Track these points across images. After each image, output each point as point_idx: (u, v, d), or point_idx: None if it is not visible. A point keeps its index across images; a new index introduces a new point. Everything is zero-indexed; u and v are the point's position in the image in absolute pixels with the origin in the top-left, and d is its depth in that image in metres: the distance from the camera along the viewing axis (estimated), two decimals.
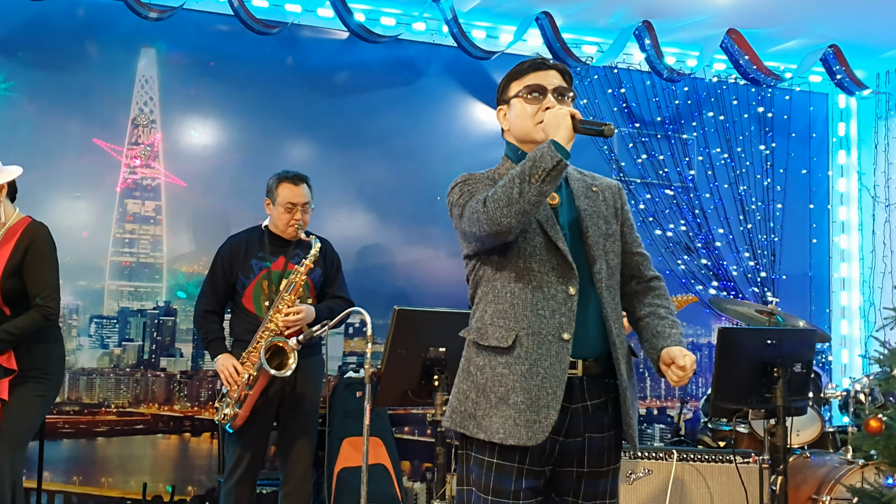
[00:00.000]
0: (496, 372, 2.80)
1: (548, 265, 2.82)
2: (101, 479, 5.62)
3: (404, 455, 5.96)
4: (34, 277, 4.16)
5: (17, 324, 4.13)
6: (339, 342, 6.11)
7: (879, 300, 6.91)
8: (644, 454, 5.04)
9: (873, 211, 7.16)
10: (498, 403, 2.77)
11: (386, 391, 4.56)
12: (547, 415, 2.73)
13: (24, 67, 5.64)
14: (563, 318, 2.79)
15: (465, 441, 2.90)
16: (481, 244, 2.87)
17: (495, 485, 2.79)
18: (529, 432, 2.72)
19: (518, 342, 2.78)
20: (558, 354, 2.77)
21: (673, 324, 2.98)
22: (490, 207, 2.72)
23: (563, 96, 2.97)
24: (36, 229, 4.25)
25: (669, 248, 6.79)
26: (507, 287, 2.84)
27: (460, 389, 2.89)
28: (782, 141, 7.14)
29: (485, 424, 2.78)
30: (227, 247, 5.04)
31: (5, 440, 4.09)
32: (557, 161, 2.68)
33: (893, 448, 4.77)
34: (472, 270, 2.97)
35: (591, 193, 2.98)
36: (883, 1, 6.02)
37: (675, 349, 2.87)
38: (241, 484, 4.87)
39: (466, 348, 2.94)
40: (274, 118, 6.09)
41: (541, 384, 2.75)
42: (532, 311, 2.79)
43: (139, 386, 5.75)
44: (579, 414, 2.82)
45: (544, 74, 2.98)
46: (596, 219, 2.93)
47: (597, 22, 6.43)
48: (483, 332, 2.86)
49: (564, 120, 2.77)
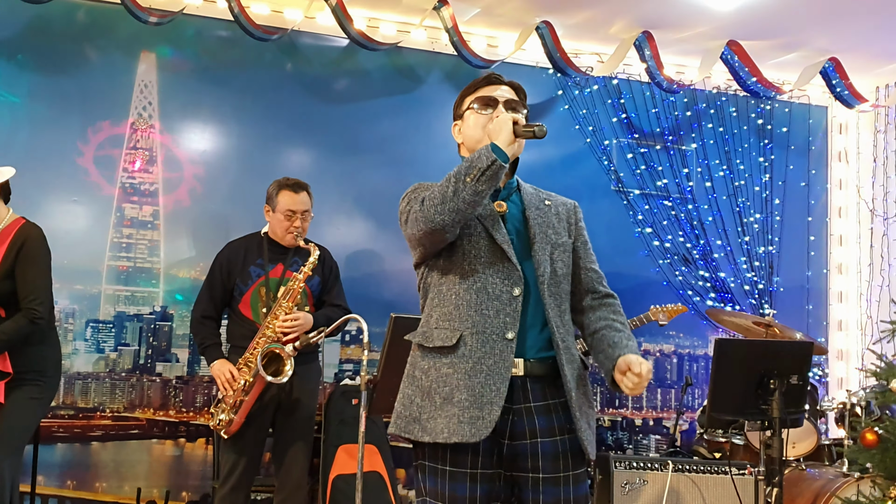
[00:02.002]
0: (441, 373, 2.82)
1: (492, 267, 2.86)
2: (95, 484, 5.62)
3: (399, 463, 5.95)
4: (23, 280, 4.16)
5: (3, 329, 4.12)
6: (336, 349, 6.12)
7: (877, 313, 6.93)
8: (639, 464, 5.05)
9: (871, 224, 7.18)
10: (443, 404, 2.79)
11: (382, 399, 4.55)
12: (490, 410, 2.74)
13: (23, 70, 5.66)
14: (508, 318, 2.82)
15: (417, 450, 2.91)
16: (424, 248, 2.93)
17: (450, 492, 2.80)
18: (473, 429, 2.73)
19: (462, 341, 2.81)
20: (502, 353, 2.80)
21: (629, 336, 2.98)
22: (426, 206, 2.79)
23: (515, 110, 3.00)
24: (29, 231, 4.24)
25: (667, 260, 6.80)
26: (453, 290, 2.87)
27: (405, 395, 2.93)
28: (781, 153, 7.16)
29: (429, 427, 2.79)
30: (226, 253, 5.04)
31: (2, 443, 4.09)
32: (492, 161, 2.72)
33: (889, 461, 4.78)
34: (421, 278, 3.02)
35: (542, 206, 3.02)
36: (882, 15, 6.05)
37: (631, 356, 2.86)
38: (236, 490, 4.87)
39: (412, 353, 2.98)
40: (273, 124, 6.10)
41: (484, 381, 2.77)
42: (476, 311, 2.83)
43: (134, 391, 5.75)
44: (522, 415, 2.83)
45: (495, 88, 3.04)
46: (544, 227, 2.97)
47: (597, 32, 6.44)
48: (428, 335, 2.89)
49: (506, 125, 2.81)
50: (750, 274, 6.94)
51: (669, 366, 6.85)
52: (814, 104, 7.30)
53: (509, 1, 6.01)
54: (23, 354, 4.18)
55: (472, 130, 3.02)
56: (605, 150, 6.74)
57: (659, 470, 5.06)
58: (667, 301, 6.41)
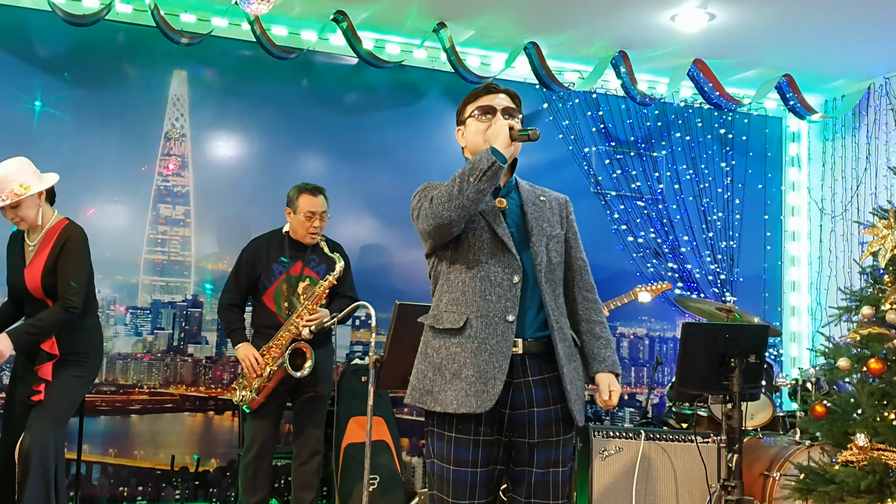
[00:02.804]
0: (450, 351, 2.85)
1: (494, 258, 2.88)
2: (134, 452, 5.62)
3: (403, 433, 5.96)
4: (63, 274, 4.13)
5: (41, 317, 4.11)
6: (347, 333, 6.11)
7: (825, 300, 6.92)
8: (614, 433, 5.05)
9: (821, 221, 7.17)
10: (452, 379, 2.82)
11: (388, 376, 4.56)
12: (494, 385, 2.78)
13: (69, 86, 5.64)
14: (508, 303, 2.85)
15: (428, 418, 2.94)
16: (433, 240, 2.93)
17: (455, 456, 2.83)
18: (479, 401, 2.77)
19: (468, 324, 2.84)
20: (503, 334, 2.83)
21: (606, 344, 3.05)
22: (435, 203, 2.81)
23: (511, 116, 3.01)
24: (71, 231, 4.23)
25: (640, 253, 6.80)
26: (460, 277, 2.89)
27: (419, 370, 2.95)
28: (741, 159, 7.14)
29: (440, 398, 2.82)
30: (252, 248, 5.04)
31: (49, 415, 4.09)
32: (492, 163, 2.74)
33: (836, 431, 4.77)
34: (432, 267, 3.02)
35: (538, 202, 3.04)
36: (832, 35, 6.04)
37: (604, 380, 2.99)
38: (259, 457, 4.88)
39: (424, 334, 2.99)
40: (290, 133, 6.09)
41: (488, 359, 2.80)
42: (481, 297, 2.85)
43: (169, 369, 5.74)
44: (521, 388, 2.86)
45: (494, 97, 3.04)
46: (540, 221, 2.99)
47: (578, 51, 6.42)
48: (438, 317, 2.91)
49: (503, 130, 2.83)
50: (713, 266, 6.94)
51: (642, 347, 6.84)
52: (770, 115, 7.29)
53: (500, 24, 6.00)
54: (68, 338, 4.18)
55: (474, 136, 3.02)
56: (585, 156, 6.73)
57: (633, 439, 5.05)
58: None
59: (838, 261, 6.95)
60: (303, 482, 4.97)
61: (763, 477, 4.89)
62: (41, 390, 4.11)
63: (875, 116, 6.79)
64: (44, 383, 4.12)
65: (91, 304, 4.32)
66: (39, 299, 4.17)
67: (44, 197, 4.21)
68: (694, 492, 5.04)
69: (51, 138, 5.56)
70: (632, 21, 5.90)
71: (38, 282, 4.14)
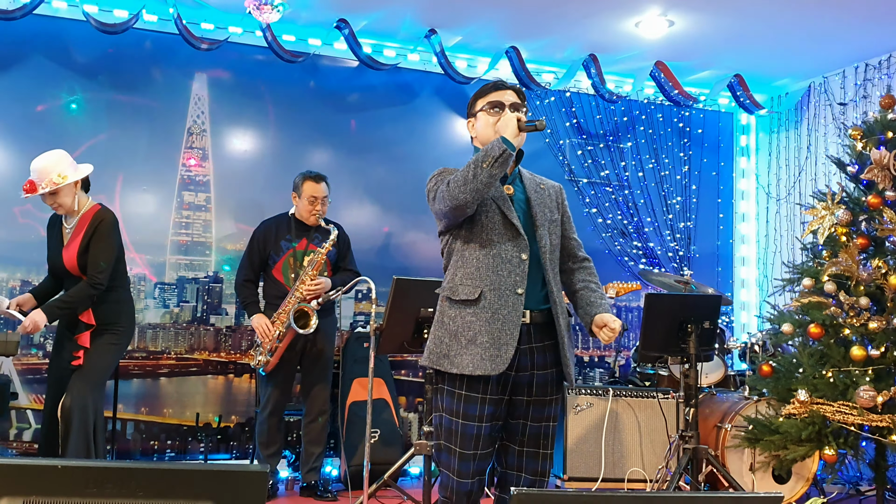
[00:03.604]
0: (466, 320, 2.85)
1: (504, 237, 2.88)
2: (163, 410, 5.62)
3: (401, 392, 5.97)
4: (92, 253, 4.12)
5: (70, 293, 4.11)
6: (351, 305, 6.10)
7: (771, 273, 6.94)
8: (586, 391, 5.07)
9: (767, 204, 7.17)
10: (467, 344, 2.82)
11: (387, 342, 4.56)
12: (507, 350, 2.80)
13: (102, 88, 5.61)
14: (518, 278, 2.86)
15: (438, 377, 2.94)
16: (448, 220, 2.92)
17: (464, 411, 2.84)
18: (493, 364, 2.78)
19: (483, 296, 2.84)
20: (514, 305, 2.84)
21: (602, 296, 3.06)
22: (451, 187, 2.80)
23: (518, 111, 3.01)
24: (103, 215, 4.20)
25: (608, 233, 6.79)
26: (473, 255, 2.89)
27: (436, 336, 2.94)
28: (697, 150, 7.14)
29: (457, 361, 2.83)
30: (262, 230, 5.03)
31: (88, 378, 4.10)
32: (503, 150, 2.75)
33: (781, 387, 4.81)
34: (445, 244, 3.01)
35: (539, 189, 3.05)
36: (777, 40, 6.03)
37: (606, 315, 2.96)
38: (273, 415, 4.89)
39: (440, 304, 2.98)
40: (299, 129, 6.06)
41: (501, 328, 2.81)
42: (493, 272, 2.85)
43: (193, 337, 5.73)
44: (526, 353, 2.88)
45: (503, 93, 3.04)
46: (542, 206, 3.00)
47: (554, 55, 6.40)
48: (454, 289, 2.90)
49: (511, 122, 2.84)
50: (673, 244, 6.94)
51: None
52: (722, 111, 7.27)
53: (485, 31, 5.97)
54: (103, 311, 4.17)
55: (484, 129, 3.01)
56: (560, 147, 6.71)
57: (602, 396, 5.07)
58: (610, 267, 6.45)
59: (782, 238, 6.96)
60: (312, 437, 4.98)
61: (716, 428, 4.92)
62: (80, 356, 4.11)
63: (815, 111, 6.78)
64: (82, 350, 4.12)
65: (123, 279, 4.31)
66: (76, 276, 4.16)
67: (79, 185, 4.19)
68: (656, 441, 5.06)
69: (87, 134, 5.52)
70: (601, 28, 5.89)
71: (74, 261, 4.12)
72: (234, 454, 5.71)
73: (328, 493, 4.96)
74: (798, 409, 4.56)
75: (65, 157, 4.14)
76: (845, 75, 6.50)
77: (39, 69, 5.48)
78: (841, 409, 4.46)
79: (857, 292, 4.65)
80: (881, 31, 5.80)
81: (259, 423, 4.93)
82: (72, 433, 3.99)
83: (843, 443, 4.52)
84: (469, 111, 3.11)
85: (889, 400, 4.39)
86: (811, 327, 4.69)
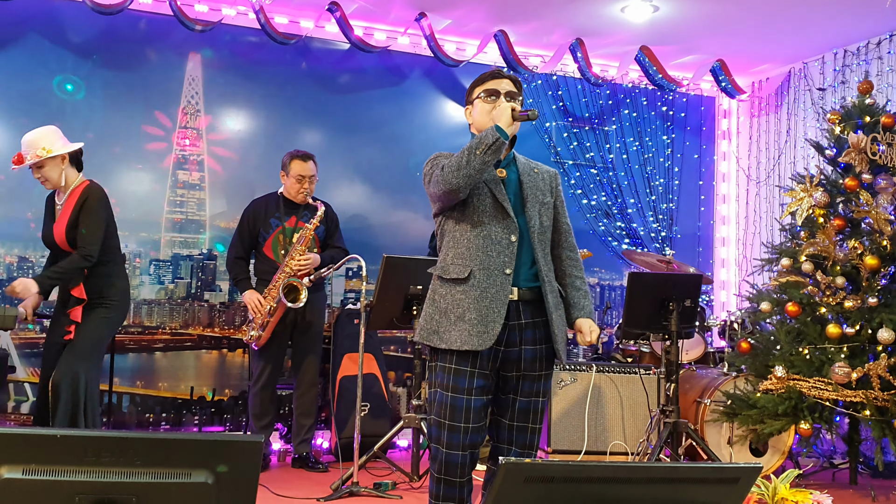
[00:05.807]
0: (455, 298, 2.88)
1: (495, 219, 2.90)
2: (158, 384, 5.61)
3: (390, 367, 5.98)
4: (82, 227, 4.07)
5: (61, 265, 4.07)
6: (342, 282, 6.10)
7: (750, 253, 6.97)
8: (571, 366, 5.09)
9: (747, 187, 7.19)
10: (456, 321, 2.85)
11: (377, 318, 4.58)
12: (493, 327, 2.83)
13: (98, 67, 5.56)
14: (506, 258, 2.88)
15: (433, 354, 2.97)
16: (441, 202, 2.95)
17: (454, 384, 2.87)
18: (480, 340, 2.82)
19: (472, 275, 2.87)
20: (502, 284, 2.86)
21: (585, 294, 3.08)
22: (445, 172, 2.82)
23: (513, 99, 3.03)
24: (91, 190, 4.15)
25: (593, 214, 6.80)
26: (465, 235, 2.91)
27: (427, 313, 2.98)
28: (680, 133, 7.14)
29: (446, 337, 2.87)
30: (251, 208, 5.02)
31: (78, 352, 4.06)
32: (496, 138, 2.78)
33: (758, 364, 4.84)
34: (439, 225, 3.04)
35: (532, 174, 3.06)
36: (759, 26, 6.03)
37: (585, 324, 3.01)
38: (265, 388, 4.90)
39: (432, 282, 3.01)
40: (290, 109, 6.03)
41: (489, 305, 2.84)
42: (483, 252, 2.88)
43: (187, 313, 5.72)
44: (515, 329, 2.90)
45: (499, 82, 3.05)
46: (534, 190, 3.01)
47: (541, 39, 6.38)
48: (446, 268, 2.93)
49: (506, 111, 2.86)
50: (655, 224, 6.96)
51: (594, 294, 6.85)
52: (705, 95, 7.27)
53: (473, 15, 5.94)
54: (95, 284, 4.13)
55: (480, 116, 3.01)
56: (547, 130, 6.70)
57: (586, 371, 5.09)
58: (594, 247, 6.46)
59: (762, 220, 6.98)
60: (303, 410, 4.98)
61: (696, 403, 4.95)
62: (71, 331, 4.09)
63: (795, 96, 6.79)
64: (74, 325, 4.09)
65: (114, 254, 4.25)
66: (66, 251, 4.13)
67: (66, 161, 4.14)
68: (637, 415, 5.09)
69: (83, 114, 5.48)
70: (587, 12, 5.87)
71: (63, 235, 4.09)
72: (228, 426, 5.71)
73: (319, 464, 4.97)
74: (775, 385, 4.59)
75: (54, 131, 4.12)
76: (824, 61, 6.51)
77: (35, 49, 5.42)
78: (816, 385, 4.50)
79: (833, 272, 4.68)
80: (860, 19, 5.81)
81: (252, 396, 4.93)
82: (59, 406, 3.95)
83: (818, 417, 4.56)
84: (467, 98, 3.12)
85: (863, 376, 4.43)
86: (789, 306, 4.72)
